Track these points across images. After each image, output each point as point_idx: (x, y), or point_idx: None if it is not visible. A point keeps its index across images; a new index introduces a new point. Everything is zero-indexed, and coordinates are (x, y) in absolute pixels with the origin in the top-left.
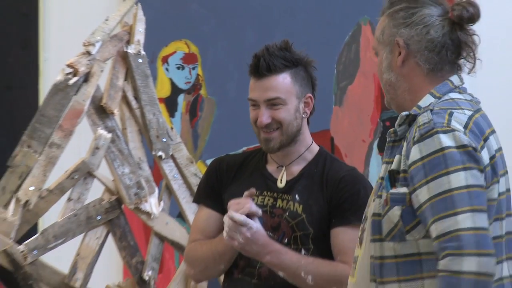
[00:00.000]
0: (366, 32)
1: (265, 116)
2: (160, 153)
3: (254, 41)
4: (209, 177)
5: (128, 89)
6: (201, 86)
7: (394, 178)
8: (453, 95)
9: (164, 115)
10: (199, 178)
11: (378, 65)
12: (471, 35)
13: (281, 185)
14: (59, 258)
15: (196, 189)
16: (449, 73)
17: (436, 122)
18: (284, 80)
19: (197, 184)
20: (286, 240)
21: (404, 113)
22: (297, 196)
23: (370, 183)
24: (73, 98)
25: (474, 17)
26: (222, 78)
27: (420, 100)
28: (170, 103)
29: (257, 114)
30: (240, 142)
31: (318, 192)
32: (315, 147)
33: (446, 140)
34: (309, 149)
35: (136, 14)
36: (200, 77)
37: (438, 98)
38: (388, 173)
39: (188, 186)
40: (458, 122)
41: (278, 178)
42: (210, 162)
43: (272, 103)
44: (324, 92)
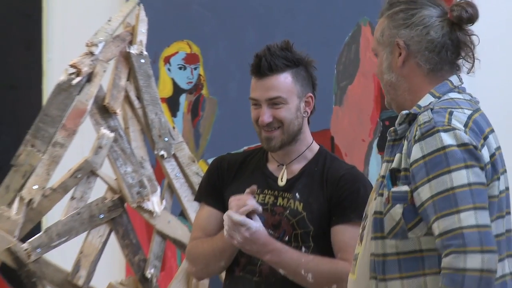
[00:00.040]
0: (366, 32)
1: (266, 115)
2: (162, 152)
3: (255, 41)
4: (210, 175)
5: (130, 89)
6: (202, 86)
7: (395, 176)
8: (452, 95)
9: (166, 115)
10: (201, 177)
11: (378, 66)
12: (470, 35)
13: (281, 183)
14: (63, 256)
15: (197, 187)
16: (448, 73)
17: (436, 121)
18: (285, 79)
19: (198, 182)
20: (287, 238)
21: (404, 112)
22: (297, 194)
23: (369, 182)
24: (76, 98)
25: (473, 17)
26: (223, 78)
27: (420, 100)
28: (172, 103)
29: (258, 113)
30: (241, 142)
31: (318, 190)
32: (315, 146)
33: (447, 138)
34: (309, 148)
35: (138, 15)
36: (201, 77)
37: (437, 97)
38: (389, 171)
39: (190, 184)
40: (458, 121)
41: (278, 177)
42: (211, 161)
43: (273, 102)
44: (324, 92)
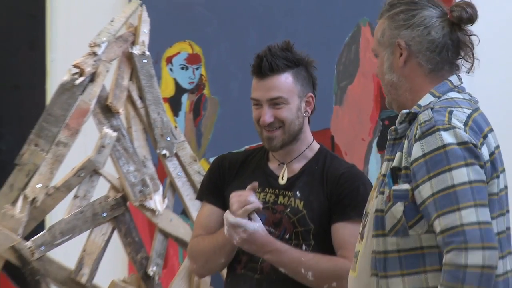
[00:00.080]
0: (366, 33)
1: (267, 115)
2: (164, 151)
3: (256, 42)
4: (212, 174)
5: (133, 88)
6: (204, 86)
7: (396, 175)
8: (452, 95)
9: (168, 114)
10: (203, 176)
11: (378, 66)
12: (470, 35)
13: (282, 182)
14: (66, 254)
15: (199, 186)
16: (448, 72)
17: (437, 119)
18: (286, 79)
19: (200, 181)
20: (288, 235)
21: (404, 111)
22: (298, 192)
23: (369, 180)
24: (79, 97)
25: (473, 17)
26: (225, 78)
27: (420, 99)
28: (174, 103)
29: (259, 113)
30: (242, 141)
31: (318, 188)
32: (316, 145)
33: (447, 137)
34: (310, 147)
35: (141, 16)
36: (203, 77)
37: (437, 97)
38: (390, 170)
39: (191, 183)
40: (458, 120)
41: (279, 175)
42: (213, 160)
43: (274, 103)
44: (324, 91)
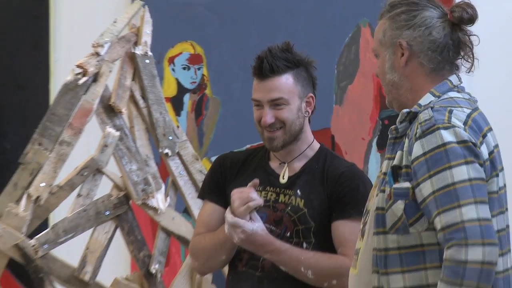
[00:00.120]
0: (366, 33)
1: (268, 116)
2: (166, 150)
3: (257, 42)
4: (213, 173)
5: (135, 88)
6: (206, 86)
7: (397, 173)
8: (452, 94)
9: (170, 114)
10: (204, 175)
11: (379, 66)
12: (470, 36)
13: (283, 181)
14: (69, 252)
15: (201, 185)
16: (449, 72)
17: (437, 118)
18: (286, 80)
19: (202, 180)
20: (289, 234)
21: (405, 110)
22: (298, 191)
23: (369, 179)
24: (82, 97)
25: (473, 18)
26: (226, 78)
27: (420, 99)
28: (176, 102)
29: (261, 114)
30: (244, 140)
31: (319, 187)
32: (316, 145)
33: (447, 135)
34: (310, 146)
35: (143, 17)
36: (205, 77)
37: (437, 97)
38: (390, 168)
39: (193, 182)
40: (458, 119)
41: (280, 174)
42: (214, 159)
43: (275, 103)
44: (325, 91)
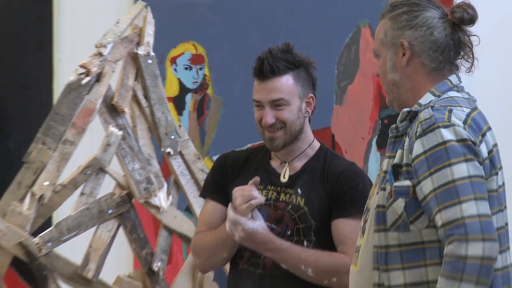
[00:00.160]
0: (366, 34)
1: (269, 116)
2: (168, 149)
3: (258, 42)
4: (215, 172)
5: (138, 88)
6: (208, 86)
7: (397, 171)
8: (451, 94)
9: (172, 113)
10: (206, 174)
11: (380, 65)
12: (470, 36)
13: (284, 180)
14: (73, 250)
15: (203, 184)
16: (449, 72)
17: (437, 117)
18: (287, 81)
19: (204, 179)
20: (289, 232)
21: (405, 109)
22: (299, 190)
23: (368, 177)
24: (85, 97)
25: (474, 18)
26: (228, 78)
27: (421, 98)
28: (178, 102)
29: (261, 115)
30: (245, 139)
31: (319, 186)
32: (316, 144)
33: (447, 134)
34: (310, 145)
35: (145, 17)
36: (207, 77)
37: (437, 96)
38: (391, 167)
39: (195, 181)
40: (458, 118)
41: (281, 173)
42: (216, 158)
43: (276, 104)
44: (325, 91)
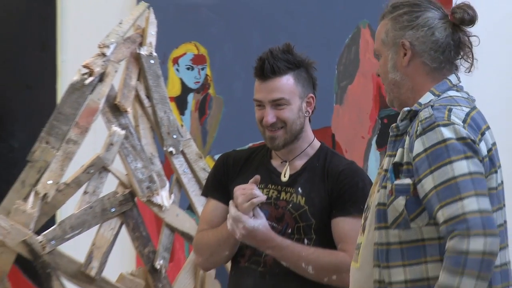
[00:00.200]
0: (365, 34)
1: (270, 115)
2: (170, 148)
3: (259, 43)
4: (216, 171)
5: (140, 88)
6: (209, 86)
7: (398, 170)
8: (451, 93)
9: (174, 113)
10: (208, 173)
11: (381, 65)
12: (470, 36)
13: (284, 179)
14: (76, 248)
15: (204, 182)
16: (449, 72)
17: (437, 116)
18: (287, 81)
19: (205, 178)
20: (290, 230)
21: (405, 108)
22: (299, 189)
23: (368, 176)
24: (88, 97)
25: (474, 19)
26: (229, 78)
27: (421, 97)
28: (180, 102)
29: (262, 114)
30: (246, 139)
31: (319, 184)
32: (317, 143)
33: (447, 132)
34: (311, 145)
35: (148, 18)
36: (208, 77)
37: (437, 95)
38: (392, 165)
39: (197, 180)
40: (457, 117)
41: (282, 172)
42: (217, 157)
43: (276, 103)
44: (325, 91)
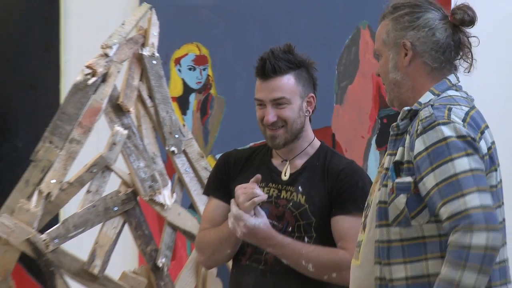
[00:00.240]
0: (365, 35)
1: (271, 115)
2: (173, 148)
3: (260, 43)
4: (218, 170)
5: (143, 88)
6: (211, 86)
7: (399, 168)
8: (450, 93)
9: (176, 113)
10: (209, 172)
11: (381, 65)
12: (469, 37)
13: (285, 177)
14: (79, 246)
15: (206, 182)
16: (448, 72)
17: (437, 115)
18: (288, 81)
19: (207, 177)
20: (290, 228)
21: (406, 108)
22: (300, 187)
23: (367, 175)
24: (91, 97)
25: (474, 20)
26: (230, 78)
27: (421, 97)
28: (182, 102)
29: (263, 113)
30: (247, 138)
31: (319, 183)
32: (317, 142)
33: (447, 130)
34: (311, 144)
35: (150, 19)
36: (210, 77)
37: (437, 95)
38: (393, 164)
39: (199, 179)
40: (457, 116)
41: (282, 171)
42: (219, 156)
43: (277, 103)
44: (325, 91)
